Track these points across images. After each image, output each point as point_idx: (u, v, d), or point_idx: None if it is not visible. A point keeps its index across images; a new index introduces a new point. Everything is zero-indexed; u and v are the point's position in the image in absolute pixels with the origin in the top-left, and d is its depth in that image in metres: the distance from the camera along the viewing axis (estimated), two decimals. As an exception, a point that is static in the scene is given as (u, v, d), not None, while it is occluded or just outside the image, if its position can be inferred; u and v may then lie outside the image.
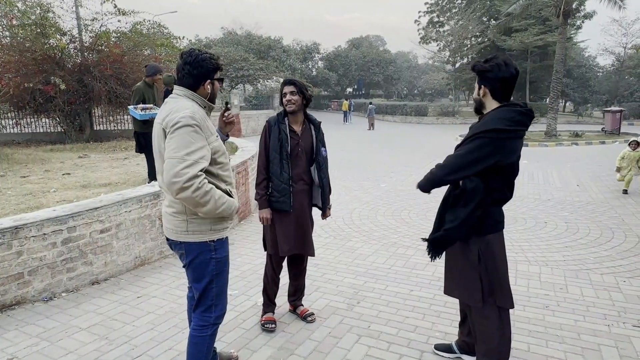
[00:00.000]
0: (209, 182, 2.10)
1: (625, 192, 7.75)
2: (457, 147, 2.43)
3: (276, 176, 2.98)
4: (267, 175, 3.02)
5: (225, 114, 2.49)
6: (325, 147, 3.20)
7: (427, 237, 2.41)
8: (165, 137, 2.06)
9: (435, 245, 2.36)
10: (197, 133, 2.04)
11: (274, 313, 3.30)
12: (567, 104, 43.14)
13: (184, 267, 2.30)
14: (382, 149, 15.60)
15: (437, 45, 43.81)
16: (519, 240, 5.21)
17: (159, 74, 6.05)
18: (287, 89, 3.01)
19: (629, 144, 7.96)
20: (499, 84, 2.30)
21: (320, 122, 3.23)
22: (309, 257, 3.43)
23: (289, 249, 3.07)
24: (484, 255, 2.34)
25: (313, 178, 3.12)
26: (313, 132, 3.13)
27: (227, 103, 2.56)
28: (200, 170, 2.02)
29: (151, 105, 5.85)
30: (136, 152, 6.29)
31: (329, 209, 3.27)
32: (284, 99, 3.02)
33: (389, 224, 6.03)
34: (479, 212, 2.27)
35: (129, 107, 5.87)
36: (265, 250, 3.22)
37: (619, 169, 7.94)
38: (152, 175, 5.97)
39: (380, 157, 13.13)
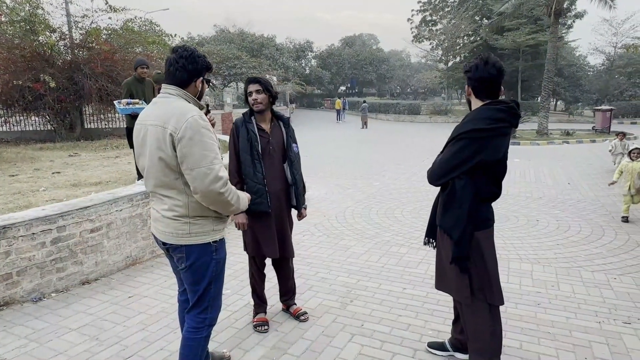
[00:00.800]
0: None
1: (625, 219, 5.94)
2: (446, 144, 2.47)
3: (250, 177, 2.88)
4: (240, 178, 2.95)
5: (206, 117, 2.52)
6: (296, 143, 3.14)
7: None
8: (173, 142, 1.99)
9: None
10: (211, 134, 2.06)
11: (265, 313, 3.28)
12: (559, 102, 43.45)
13: (180, 270, 2.23)
14: (375, 147, 15.62)
15: (430, 43, 43.90)
16: (510, 238, 5.24)
17: (141, 67, 5.91)
18: (252, 87, 2.94)
19: (629, 154, 6.19)
20: (477, 83, 2.36)
21: (289, 118, 3.18)
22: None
23: (274, 251, 3.03)
24: (472, 253, 2.34)
25: (286, 176, 3.07)
26: (283, 129, 3.09)
27: (207, 105, 2.59)
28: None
29: (137, 100, 5.76)
30: (130, 147, 6.23)
31: (305, 209, 3.23)
32: (249, 98, 2.96)
33: (382, 222, 6.04)
34: (472, 209, 2.29)
35: (115, 101, 5.80)
36: (246, 251, 3.17)
37: (613, 183, 6.27)
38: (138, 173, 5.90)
39: (373, 156, 13.15)
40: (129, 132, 5.99)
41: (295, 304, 3.40)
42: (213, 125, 2.48)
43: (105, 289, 3.87)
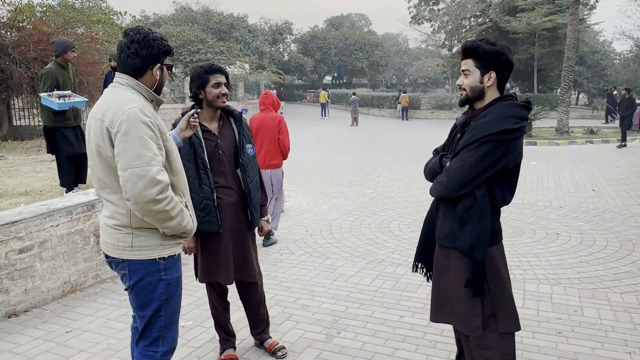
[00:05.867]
0: None
1: None
2: (449, 143, 2.59)
3: (195, 192, 2.82)
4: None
5: (193, 117, 2.63)
6: (251, 143, 3.13)
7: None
8: (110, 137, 2.08)
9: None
10: (152, 131, 2.09)
11: (235, 349, 3.26)
12: (581, 95, 44.53)
13: (126, 290, 2.29)
14: (367, 148, 15.74)
15: (431, 26, 44.42)
16: (527, 255, 5.33)
17: (71, 51, 5.71)
18: (220, 78, 2.89)
19: None
20: (508, 71, 2.37)
21: (240, 113, 3.15)
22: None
23: (229, 276, 3.01)
24: (488, 272, 2.36)
25: (242, 184, 3.06)
26: (234, 127, 3.08)
27: (195, 105, 2.82)
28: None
29: (69, 92, 5.61)
30: (48, 152, 6.03)
31: (268, 222, 3.27)
32: (214, 91, 2.88)
33: (376, 237, 6.07)
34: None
35: (41, 94, 5.54)
36: (196, 278, 3.15)
37: None
38: (68, 183, 5.77)
39: (365, 158, 13.24)
40: (48, 134, 5.79)
41: (271, 338, 3.38)
42: (195, 128, 2.68)
43: (37, 323, 3.80)
